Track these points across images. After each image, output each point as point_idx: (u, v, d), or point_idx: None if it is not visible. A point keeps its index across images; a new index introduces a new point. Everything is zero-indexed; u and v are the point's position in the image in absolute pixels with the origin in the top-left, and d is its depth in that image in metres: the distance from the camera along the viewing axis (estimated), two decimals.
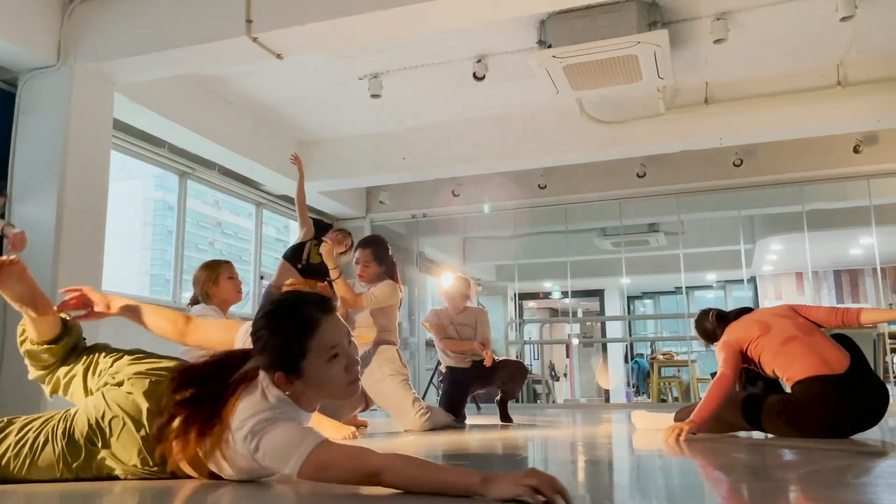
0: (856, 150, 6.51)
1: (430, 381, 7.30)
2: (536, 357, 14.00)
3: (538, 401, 10.96)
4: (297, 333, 1.70)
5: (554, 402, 11.29)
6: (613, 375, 13.72)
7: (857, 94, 5.55)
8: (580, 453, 2.81)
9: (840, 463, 2.20)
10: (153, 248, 11.60)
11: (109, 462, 1.82)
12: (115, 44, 4.45)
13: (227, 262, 4.09)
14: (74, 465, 1.81)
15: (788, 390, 3.25)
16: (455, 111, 6.50)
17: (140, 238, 8.73)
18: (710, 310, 3.68)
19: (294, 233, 8.31)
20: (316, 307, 1.74)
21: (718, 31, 4.76)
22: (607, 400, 13.14)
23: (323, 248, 4.24)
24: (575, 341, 16.96)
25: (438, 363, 5.83)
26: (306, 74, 5.67)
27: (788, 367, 3.18)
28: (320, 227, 5.58)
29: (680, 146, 6.28)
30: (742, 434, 3.43)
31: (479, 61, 5.36)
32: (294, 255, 5.05)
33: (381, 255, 4.38)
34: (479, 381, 5.07)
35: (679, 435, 3.05)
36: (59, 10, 4.53)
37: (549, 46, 4.77)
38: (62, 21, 4.53)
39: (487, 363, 4.79)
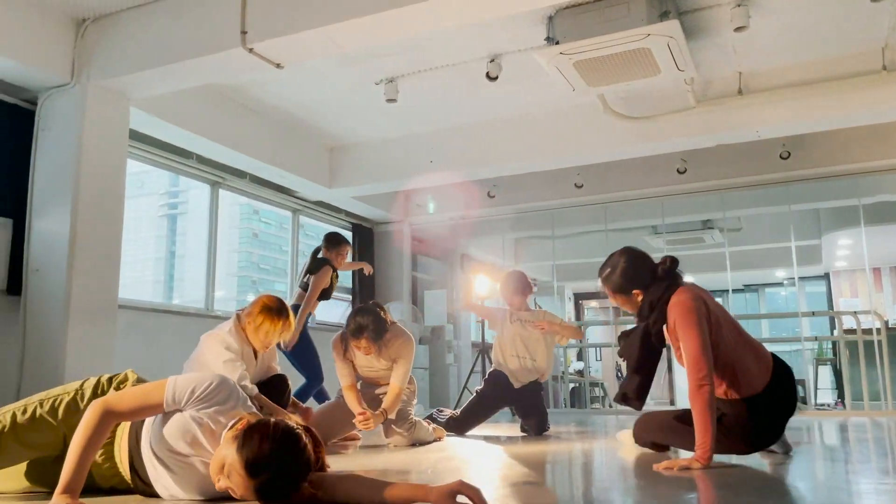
0: None
1: (465, 386, 7.19)
2: (598, 358, 13.65)
3: (595, 405, 10.68)
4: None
5: (611, 406, 10.93)
6: (680, 378, 13.25)
7: None
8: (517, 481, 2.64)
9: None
10: (240, 250, 12.00)
11: None
12: (123, 60, 4.56)
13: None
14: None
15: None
16: (478, 112, 6.37)
17: (227, 241, 8.98)
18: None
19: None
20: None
21: (739, 18, 4.45)
22: (672, 403, 12.67)
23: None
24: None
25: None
26: (323, 81, 5.67)
27: (735, 376, 2.78)
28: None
29: (714, 140, 5.93)
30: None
31: (492, 61, 5.22)
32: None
33: (379, 331, 3.78)
34: (512, 403, 4.93)
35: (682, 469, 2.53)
36: (73, 30, 4.68)
37: (557, 43, 4.58)
38: (75, 41, 4.68)
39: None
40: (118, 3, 4.53)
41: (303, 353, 4.97)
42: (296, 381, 4.71)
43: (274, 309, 3.43)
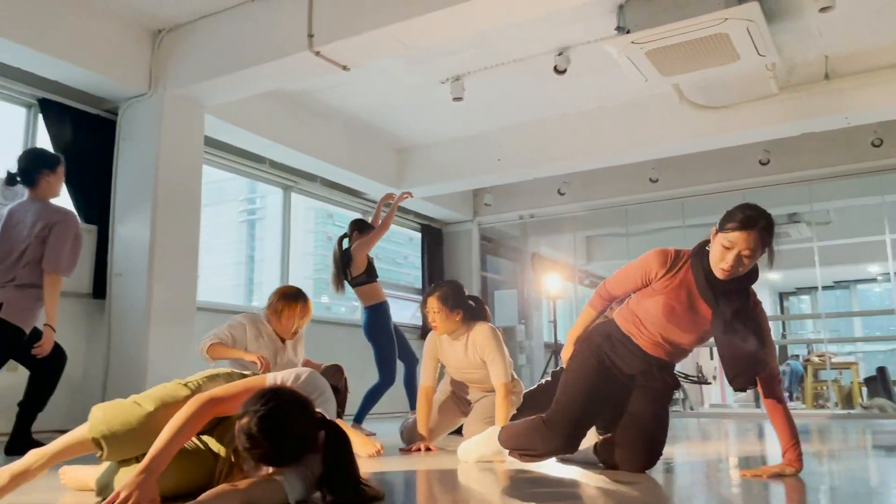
0: None
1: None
2: None
3: (675, 408, 10.33)
4: None
5: (692, 408, 10.55)
6: None
7: None
8: None
9: None
10: (315, 253, 12.27)
11: None
12: (196, 68, 4.68)
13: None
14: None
15: None
16: (547, 107, 6.25)
17: (302, 244, 9.16)
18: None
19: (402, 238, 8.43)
20: None
21: None
22: (758, 405, 12.14)
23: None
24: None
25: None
26: (389, 83, 5.67)
27: None
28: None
29: (800, 129, 5.61)
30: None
31: (560, 54, 5.09)
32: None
33: (449, 298, 3.50)
34: None
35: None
36: (150, 42, 4.84)
37: (628, 32, 4.42)
38: (152, 51, 4.83)
39: None
40: (191, 13, 4.65)
41: (377, 331, 4.80)
42: (364, 381, 4.71)
43: (291, 294, 3.65)
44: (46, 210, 3.46)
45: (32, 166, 3.52)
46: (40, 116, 4.75)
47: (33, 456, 1.86)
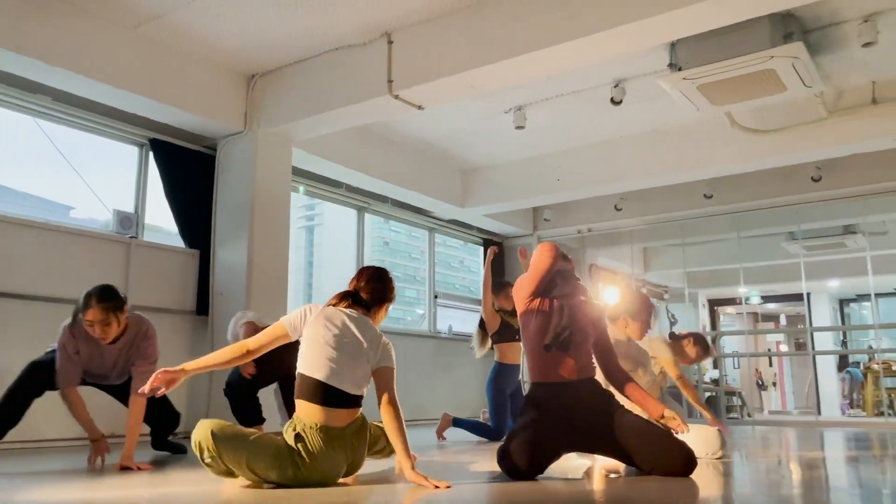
0: None
1: None
2: (736, 366, 13.32)
3: (732, 414, 10.49)
4: None
5: (749, 415, 10.69)
6: (825, 386, 12.67)
7: None
8: None
9: None
10: (372, 258, 12.86)
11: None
12: (287, 109, 5.23)
13: None
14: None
15: None
16: (604, 131, 6.62)
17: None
18: None
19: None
20: None
21: (867, 33, 4.47)
22: (819, 413, 12.15)
23: None
24: (784, 348, 15.84)
25: None
26: (457, 112, 6.13)
27: None
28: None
29: (849, 150, 5.86)
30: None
31: (616, 86, 5.47)
32: None
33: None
34: None
35: None
36: (245, 85, 5.42)
37: (680, 69, 4.78)
38: (247, 94, 5.40)
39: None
40: (282, 60, 5.20)
41: (489, 386, 5.07)
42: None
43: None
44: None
45: None
46: (151, 154, 5.38)
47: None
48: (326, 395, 2.47)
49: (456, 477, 2.75)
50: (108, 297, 3.24)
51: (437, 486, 2.35)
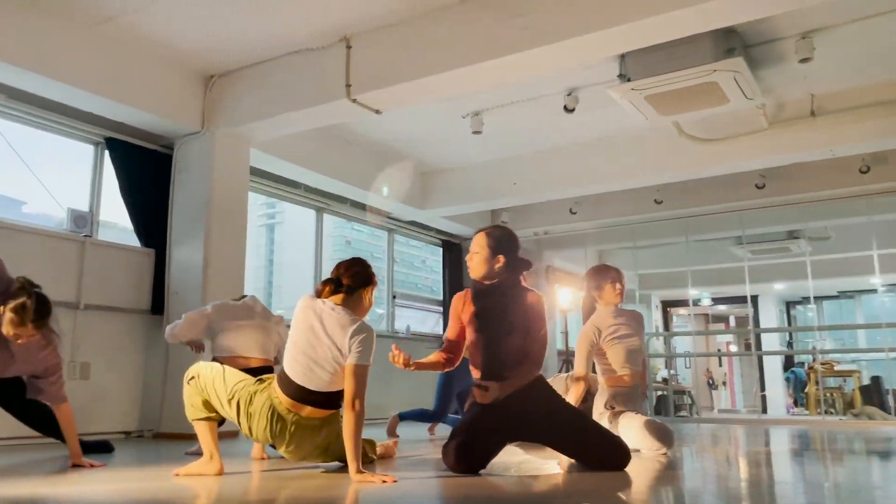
0: None
1: None
2: (688, 366, 13.69)
3: (681, 413, 10.79)
4: None
5: (698, 413, 11.02)
6: (771, 386, 13.11)
7: None
8: None
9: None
10: (333, 258, 12.87)
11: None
12: (245, 110, 5.27)
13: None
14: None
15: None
16: (558, 138, 6.80)
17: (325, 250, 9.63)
18: None
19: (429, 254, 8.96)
20: None
21: (804, 50, 4.72)
22: (764, 412, 12.57)
23: None
24: (733, 348, 16.30)
25: None
26: (416, 116, 6.23)
27: None
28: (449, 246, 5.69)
29: (789, 160, 6.14)
30: None
31: (569, 94, 5.64)
32: None
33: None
34: None
35: None
36: (203, 85, 5.44)
37: (629, 80, 4.96)
38: (205, 94, 5.43)
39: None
40: (241, 61, 5.24)
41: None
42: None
43: None
44: None
45: None
46: (107, 153, 5.37)
47: None
48: (297, 393, 2.69)
49: (405, 471, 2.86)
50: (44, 315, 3.01)
51: (383, 481, 2.46)
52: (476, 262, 3.02)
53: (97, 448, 3.78)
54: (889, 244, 8.88)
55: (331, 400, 2.73)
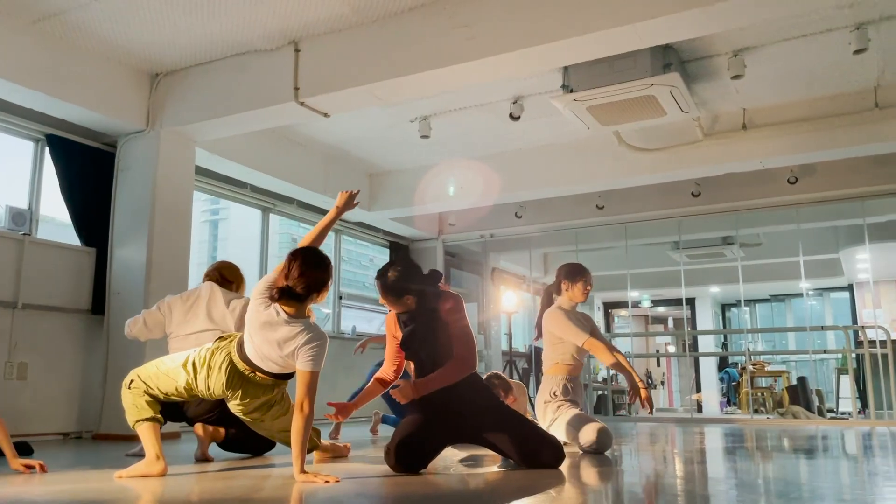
0: None
1: None
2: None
3: (620, 412, 11.09)
4: None
5: (637, 413, 11.34)
6: (706, 385, 13.59)
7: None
8: None
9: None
10: (280, 255, 12.77)
11: None
12: (191, 110, 5.25)
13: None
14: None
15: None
16: (504, 143, 6.95)
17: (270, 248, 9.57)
18: None
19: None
20: None
21: (736, 67, 4.96)
22: (700, 411, 13.02)
23: None
24: (672, 349, 16.80)
25: None
26: (363, 120, 6.29)
27: None
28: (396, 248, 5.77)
29: (722, 170, 6.42)
30: None
31: (515, 102, 5.79)
32: None
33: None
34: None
35: None
36: (148, 84, 5.39)
37: (571, 91, 5.13)
38: (150, 93, 5.38)
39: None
40: (186, 60, 5.22)
41: None
42: None
43: None
44: None
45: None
46: (47, 150, 5.27)
47: None
48: (252, 365, 2.86)
49: (347, 472, 2.94)
50: None
51: (326, 481, 2.53)
52: (391, 308, 3.11)
53: (17, 450, 3.70)
54: (814, 251, 9.39)
55: (284, 376, 2.93)
